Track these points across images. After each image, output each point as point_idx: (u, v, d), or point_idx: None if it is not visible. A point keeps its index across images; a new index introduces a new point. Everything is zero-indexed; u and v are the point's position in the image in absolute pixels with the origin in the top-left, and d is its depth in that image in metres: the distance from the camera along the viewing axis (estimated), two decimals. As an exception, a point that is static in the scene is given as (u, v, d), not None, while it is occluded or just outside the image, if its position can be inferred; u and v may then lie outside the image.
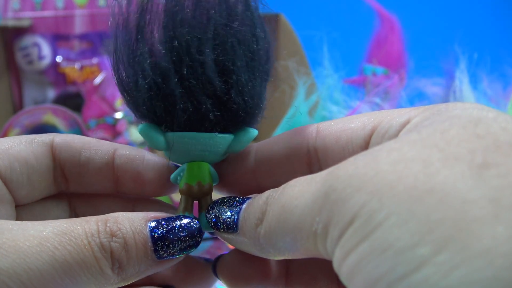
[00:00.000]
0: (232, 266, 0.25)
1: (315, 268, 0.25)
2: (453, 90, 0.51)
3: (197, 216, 0.25)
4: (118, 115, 0.80)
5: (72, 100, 0.79)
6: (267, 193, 0.21)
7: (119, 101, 0.80)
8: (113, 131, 0.79)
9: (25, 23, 0.76)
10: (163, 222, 0.21)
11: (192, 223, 0.22)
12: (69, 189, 0.25)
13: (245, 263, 0.25)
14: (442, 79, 0.57)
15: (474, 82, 0.53)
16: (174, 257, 0.21)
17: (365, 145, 0.22)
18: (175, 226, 0.21)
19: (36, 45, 0.78)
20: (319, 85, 0.53)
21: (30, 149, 0.24)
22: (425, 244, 0.15)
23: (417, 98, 0.55)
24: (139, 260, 0.20)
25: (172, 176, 0.26)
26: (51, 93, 0.79)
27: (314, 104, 0.52)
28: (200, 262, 0.25)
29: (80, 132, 0.51)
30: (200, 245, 0.22)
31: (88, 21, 0.80)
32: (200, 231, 0.22)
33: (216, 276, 0.25)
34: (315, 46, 0.53)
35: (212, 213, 0.23)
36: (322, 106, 0.51)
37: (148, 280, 0.24)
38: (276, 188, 0.21)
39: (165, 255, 0.21)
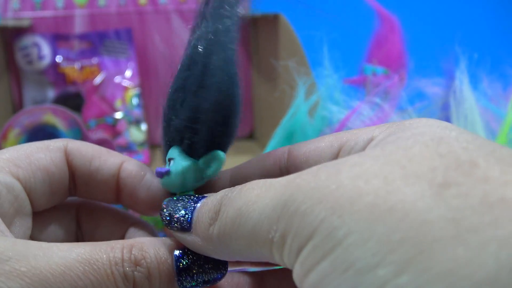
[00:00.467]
0: None
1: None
2: (453, 90, 0.51)
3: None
4: (118, 115, 0.80)
5: (72, 100, 0.79)
6: (222, 192, 0.21)
7: (119, 101, 0.80)
8: (113, 131, 0.79)
9: (25, 23, 0.76)
10: (190, 254, 0.21)
11: (219, 259, 0.21)
12: (76, 196, 0.26)
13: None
14: (442, 79, 0.57)
15: (474, 82, 0.53)
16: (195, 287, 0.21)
17: None
18: (200, 257, 0.21)
19: (36, 45, 0.78)
20: (319, 85, 0.53)
21: (49, 157, 0.24)
22: (386, 265, 0.15)
23: (417, 98, 0.55)
24: None
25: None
26: (51, 93, 0.79)
27: (314, 104, 0.52)
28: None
29: (80, 132, 0.51)
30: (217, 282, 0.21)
31: (88, 21, 0.80)
32: (225, 263, 0.21)
33: None
34: (315, 46, 0.53)
35: (166, 211, 0.23)
36: (322, 106, 0.51)
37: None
38: (232, 188, 0.21)
39: (188, 286, 0.20)
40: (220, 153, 0.25)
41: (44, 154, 0.24)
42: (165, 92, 0.25)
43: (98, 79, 0.80)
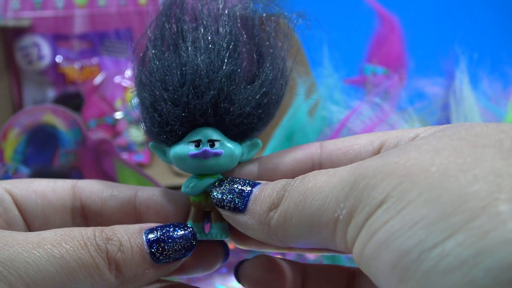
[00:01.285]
0: (254, 271, 0.27)
1: (331, 277, 0.26)
2: (453, 90, 0.51)
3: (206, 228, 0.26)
4: (118, 115, 0.80)
5: (72, 100, 0.79)
6: (283, 181, 0.22)
7: (119, 101, 0.80)
8: (113, 131, 0.79)
9: (25, 23, 0.76)
10: (158, 228, 0.22)
11: (185, 227, 0.22)
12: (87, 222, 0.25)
13: (267, 269, 0.27)
14: (442, 79, 0.57)
15: (474, 82, 0.53)
16: (170, 260, 0.21)
17: None
18: (169, 230, 0.21)
19: (36, 45, 0.78)
20: (319, 85, 0.53)
21: (51, 185, 0.24)
22: (460, 213, 0.15)
23: (417, 98, 0.55)
24: (136, 262, 0.20)
25: (182, 187, 0.26)
26: (51, 93, 0.79)
27: (314, 104, 0.52)
28: (209, 245, 0.25)
29: (80, 132, 0.51)
30: (190, 252, 0.22)
31: (88, 21, 0.80)
32: (194, 235, 0.22)
33: (239, 280, 0.27)
34: (315, 46, 0.53)
35: (219, 190, 0.24)
36: (322, 106, 0.51)
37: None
38: (292, 179, 0.21)
39: (161, 257, 0.21)
40: (260, 141, 0.27)
41: (47, 183, 0.24)
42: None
43: (98, 79, 0.80)
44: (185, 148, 0.25)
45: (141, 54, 0.28)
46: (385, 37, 0.68)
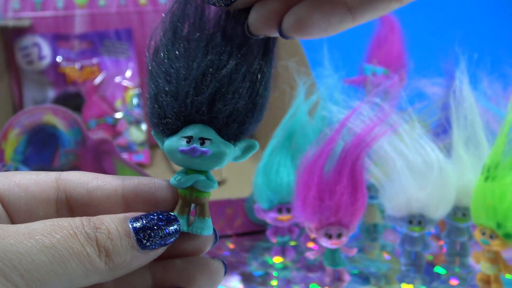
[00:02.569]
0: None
1: None
2: (453, 90, 0.51)
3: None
4: (118, 115, 0.80)
5: (72, 100, 0.79)
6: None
7: (119, 101, 0.80)
8: (113, 131, 0.79)
9: (25, 23, 0.76)
10: (142, 216, 0.22)
11: (169, 214, 0.23)
12: None
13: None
14: (442, 79, 0.57)
15: (474, 82, 0.53)
16: (156, 246, 0.22)
17: None
18: (153, 218, 0.22)
19: (36, 45, 0.78)
20: (319, 85, 0.53)
21: (34, 178, 0.24)
22: None
23: (417, 98, 0.55)
24: (124, 249, 0.21)
25: (171, 179, 0.26)
26: (51, 93, 0.79)
27: (314, 104, 0.52)
28: (208, 261, 0.25)
29: (80, 132, 0.51)
30: (175, 237, 0.22)
31: (88, 21, 0.80)
32: (177, 220, 0.23)
33: (281, 33, 0.25)
34: (315, 46, 0.53)
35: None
36: (322, 106, 0.51)
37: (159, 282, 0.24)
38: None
39: (147, 244, 0.21)
40: (256, 142, 0.28)
41: (29, 175, 0.24)
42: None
43: (98, 79, 0.80)
44: (177, 143, 0.27)
45: (153, 43, 0.28)
46: (385, 37, 0.68)
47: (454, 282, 0.50)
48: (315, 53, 0.53)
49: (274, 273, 0.52)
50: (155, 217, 0.22)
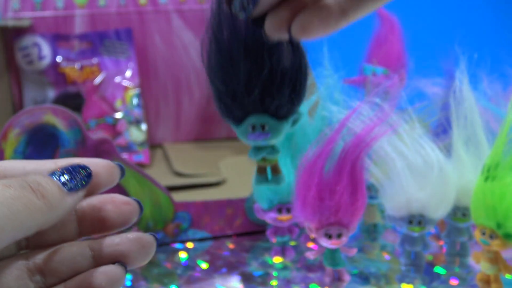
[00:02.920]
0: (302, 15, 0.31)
1: None
2: (453, 90, 0.51)
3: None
4: (118, 115, 0.80)
5: (72, 100, 0.79)
6: None
7: (119, 101, 0.80)
8: (113, 131, 0.79)
9: (25, 23, 0.76)
10: (57, 170, 0.24)
11: (80, 163, 0.25)
12: (30, 246, 0.26)
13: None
14: (442, 79, 0.57)
15: (474, 82, 0.53)
16: (79, 187, 0.24)
17: None
18: (68, 168, 0.24)
19: (36, 45, 0.78)
20: (319, 85, 0.53)
21: None
22: None
23: (417, 98, 0.55)
24: (56, 191, 0.23)
25: (249, 154, 0.39)
26: (51, 93, 0.79)
27: (314, 104, 0.52)
28: (141, 235, 0.26)
29: (80, 132, 0.51)
30: (90, 178, 0.25)
31: (88, 21, 0.80)
32: (89, 168, 0.25)
33: (291, 35, 0.31)
34: (315, 46, 0.53)
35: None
36: (322, 106, 0.51)
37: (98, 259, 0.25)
38: None
39: (70, 186, 0.24)
40: (301, 112, 0.39)
41: None
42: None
43: (98, 79, 0.80)
44: (245, 131, 0.37)
45: (205, 50, 0.36)
46: (385, 37, 0.68)
47: (454, 282, 0.50)
48: (315, 53, 0.53)
49: (274, 273, 0.52)
50: (70, 168, 0.25)
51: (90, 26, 0.80)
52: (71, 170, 0.24)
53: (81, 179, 0.24)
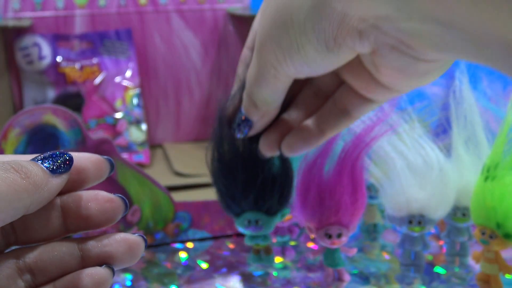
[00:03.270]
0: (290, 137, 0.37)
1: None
2: (453, 90, 0.51)
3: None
4: (118, 115, 0.80)
5: (72, 100, 0.79)
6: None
7: (119, 101, 0.80)
8: (113, 131, 0.79)
9: (25, 23, 0.76)
10: (41, 155, 0.25)
11: (62, 150, 0.25)
12: (18, 242, 0.26)
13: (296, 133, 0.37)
14: (442, 79, 0.57)
15: (474, 82, 0.53)
16: (62, 170, 0.24)
17: None
18: (51, 154, 0.25)
19: (36, 45, 0.78)
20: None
21: None
22: None
23: (417, 98, 0.55)
24: (40, 172, 0.23)
25: (246, 241, 0.48)
26: (51, 93, 0.79)
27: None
28: (128, 236, 0.26)
29: (80, 132, 0.51)
30: (71, 163, 0.25)
31: (88, 21, 0.80)
32: (69, 154, 0.25)
33: (281, 152, 0.38)
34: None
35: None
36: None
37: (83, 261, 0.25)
38: None
39: (54, 168, 0.24)
40: (288, 210, 0.47)
41: None
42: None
43: (98, 79, 0.80)
44: (243, 224, 0.45)
45: (210, 156, 0.44)
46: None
47: (454, 282, 0.50)
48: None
49: (274, 273, 0.52)
50: (52, 153, 0.25)
51: (90, 26, 0.80)
52: (52, 155, 0.25)
53: (62, 163, 0.25)
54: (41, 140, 0.51)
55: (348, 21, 0.26)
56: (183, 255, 0.56)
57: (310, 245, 0.57)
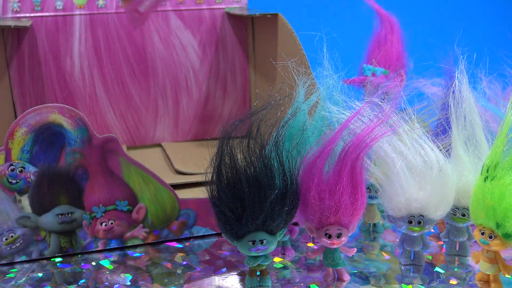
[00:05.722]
0: None
1: None
2: (453, 90, 0.51)
3: None
4: (118, 115, 0.80)
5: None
6: None
7: (119, 101, 0.80)
8: (113, 131, 0.79)
9: (25, 23, 0.76)
10: None
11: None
12: None
13: None
14: (442, 79, 0.57)
15: (474, 82, 0.53)
16: None
17: None
18: None
19: (36, 45, 0.78)
20: (319, 85, 0.53)
21: None
22: None
23: (417, 98, 0.55)
24: None
25: (245, 261, 0.47)
26: (51, 93, 0.79)
27: (314, 104, 0.52)
28: None
29: (86, 130, 0.52)
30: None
31: (87, 21, 0.80)
32: None
33: None
34: (315, 46, 0.53)
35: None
36: (322, 106, 0.52)
37: None
38: None
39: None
40: (287, 228, 0.47)
41: None
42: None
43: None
44: (246, 245, 0.45)
45: (210, 185, 0.44)
46: (385, 37, 0.68)
47: (453, 282, 0.50)
48: (315, 53, 0.53)
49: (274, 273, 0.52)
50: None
51: (90, 26, 0.80)
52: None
53: None
54: (47, 139, 0.51)
55: None
56: (183, 255, 0.56)
57: (310, 245, 0.57)
